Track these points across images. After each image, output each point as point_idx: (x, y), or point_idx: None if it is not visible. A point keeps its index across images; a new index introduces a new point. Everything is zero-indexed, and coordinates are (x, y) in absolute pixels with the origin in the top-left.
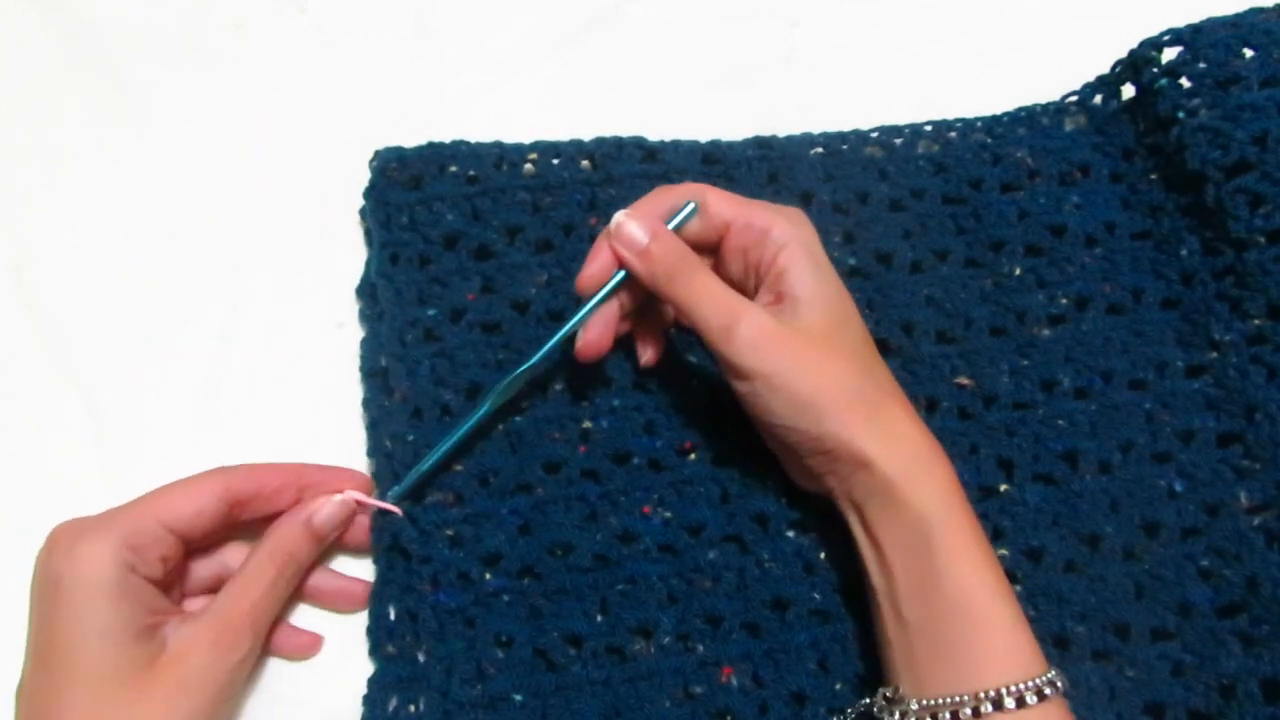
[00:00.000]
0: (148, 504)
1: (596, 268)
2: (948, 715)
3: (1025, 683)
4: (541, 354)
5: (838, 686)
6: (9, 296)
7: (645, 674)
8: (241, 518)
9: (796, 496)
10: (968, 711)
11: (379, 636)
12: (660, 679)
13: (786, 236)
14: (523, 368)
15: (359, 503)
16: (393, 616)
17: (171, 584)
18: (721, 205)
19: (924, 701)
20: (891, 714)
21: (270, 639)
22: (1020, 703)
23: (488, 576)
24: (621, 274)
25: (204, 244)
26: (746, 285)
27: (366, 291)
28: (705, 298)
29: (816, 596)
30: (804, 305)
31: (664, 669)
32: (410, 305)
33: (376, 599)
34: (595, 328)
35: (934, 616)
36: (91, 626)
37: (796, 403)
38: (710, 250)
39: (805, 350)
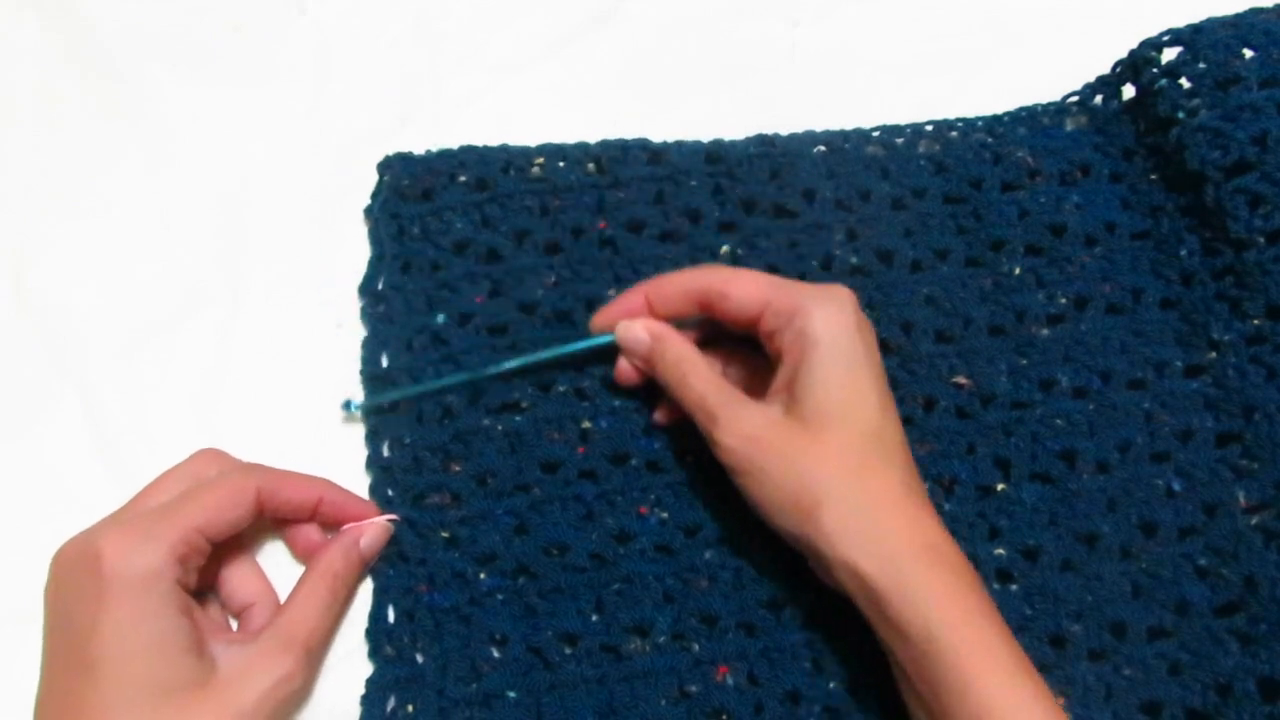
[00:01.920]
0: (189, 513)
1: (622, 367)
2: None
3: None
4: (542, 359)
5: (832, 685)
6: (9, 296)
7: (640, 673)
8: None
9: None
10: None
11: (378, 638)
12: (656, 678)
13: (809, 325)
14: (520, 363)
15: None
16: (391, 619)
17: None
18: (749, 291)
19: None
20: None
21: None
22: None
23: (482, 576)
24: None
25: (204, 244)
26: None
27: (369, 290)
28: (694, 402)
29: (812, 596)
30: (801, 401)
31: (659, 668)
32: (420, 313)
33: (375, 601)
34: (625, 363)
35: None
36: (146, 637)
37: (776, 503)
38: (751, 327)
39: (783, 451)
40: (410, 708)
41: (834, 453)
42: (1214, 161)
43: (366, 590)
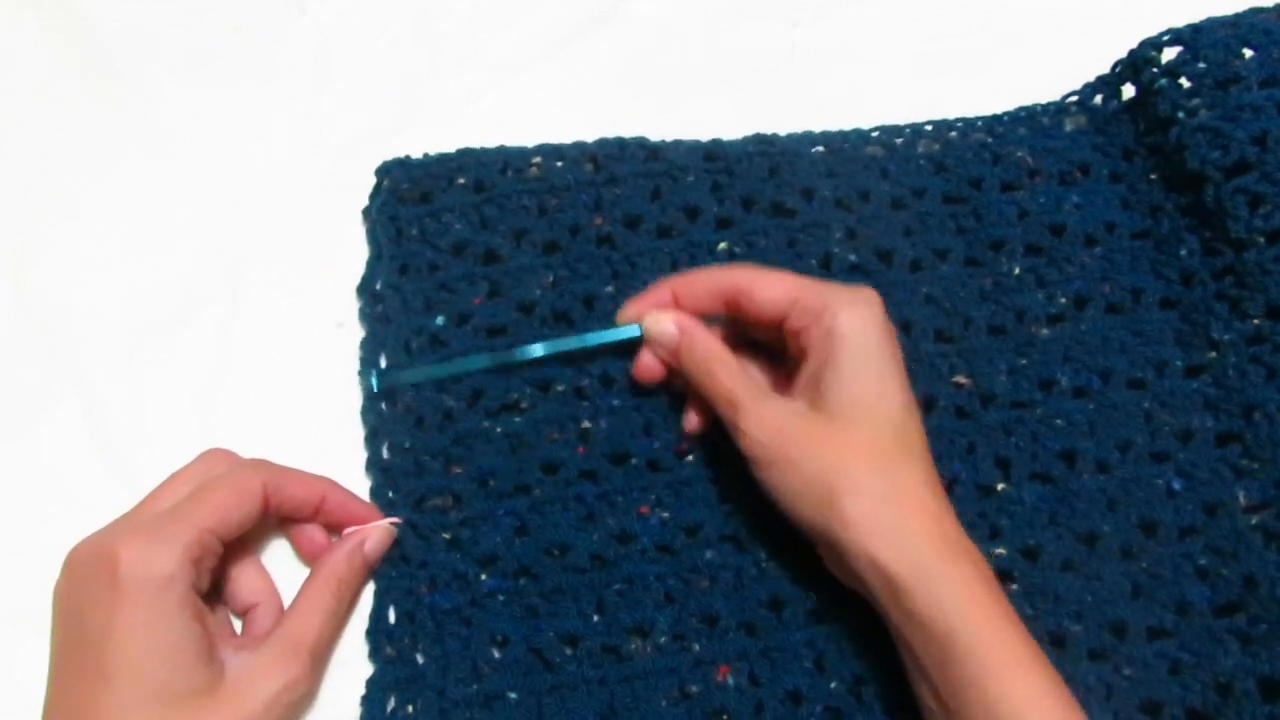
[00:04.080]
0: (200, 514)
1: (645, 361)
2: None
3: None
4: (568, 347)
5: (833, 685)
6: (9, 296)
7: (641, 673)
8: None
9: None
10: None
11: (378, 639)
12: (656, 678)
13: (836, 322)
14: (546, 349)
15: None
16: (392, 619)
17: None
18: (776, 289)
19: None
20: None
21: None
22: None
23: (484, 577)
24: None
25: (204, 244)
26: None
27: (368, 290)
28: (719, 394)
29: (814, 596)
30: (827, 395)
31: (660, 668)
32: (417, 314)
33: (376, 602)
34: (649, 356)
35: None
36: (162, 642)
37: (799, 495)
38: (775, 327)
39: (809, 443)
40: (411, 708)
41: (859, 445)
42: (1214, 161)
43: (368, 591)
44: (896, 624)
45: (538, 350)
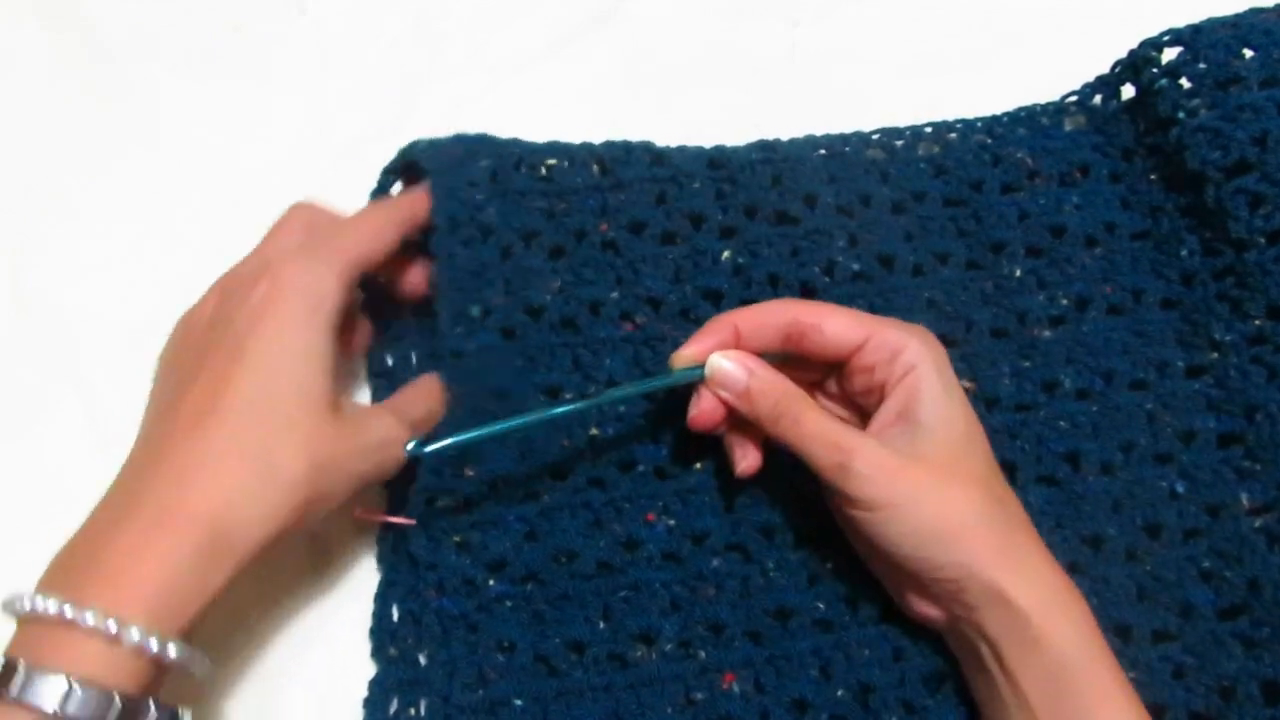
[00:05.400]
0: (350, 242)
1: (706, 406)
2: None
3: None
4: (619, 398)
5: (839, 693)
6: (9, 296)
7: (647, 680)
8: None
9: (803, 509)
10: None
11: (381, 639)
12: (662, 685)
13: (918, 359)
14: (590, 404)
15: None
16: (396, 619)
17: None
18: (847, 326)
19: None
20: None
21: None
22: None
23: (491, 583)
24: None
25: (204, 244)
26: (868, 401)
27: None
28: (815, 437)
29: (821, 606)
30: (927, 430)
31: (665, 675)
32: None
33: (380, 601)
34: (710, 401)
35: None
36: (307, 346)
37: (922, 533)
38: (830, 365)
39: (928, 479)
40: (414, 710)
41: (973, 480)
42: (1214, 161)
43: (370, 591)
44: (1007, 655)
45: (582, 405)
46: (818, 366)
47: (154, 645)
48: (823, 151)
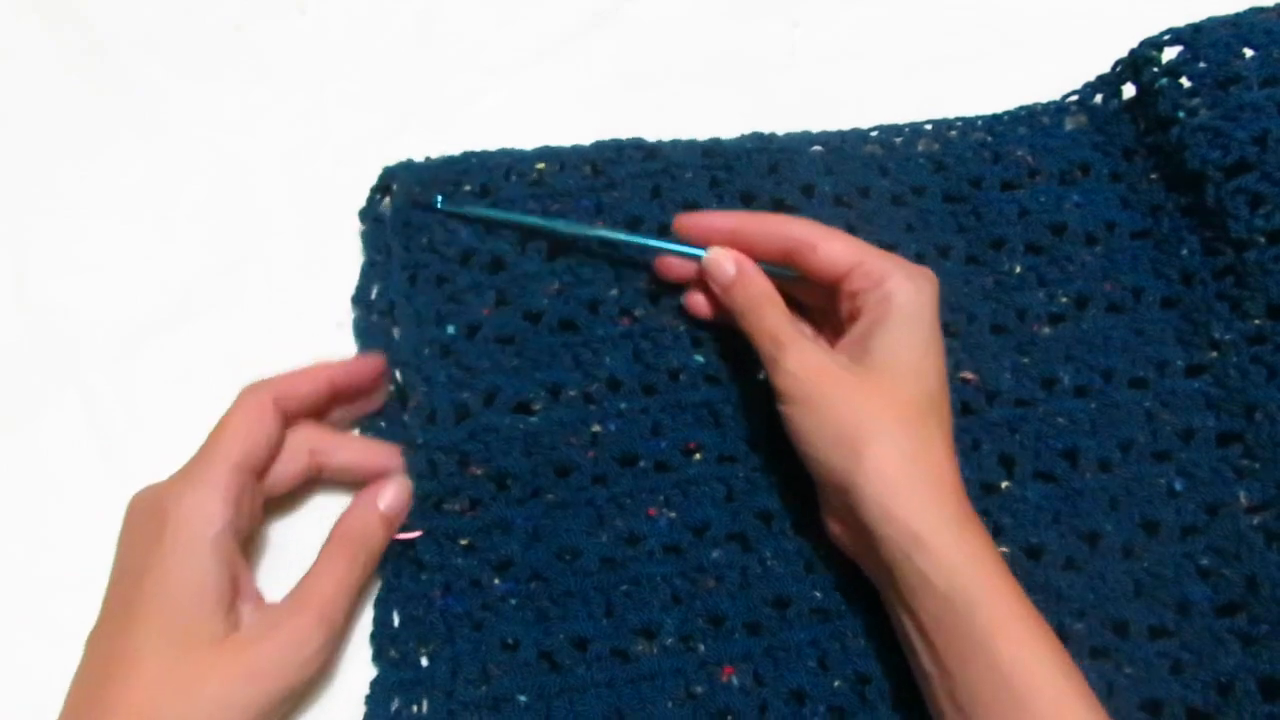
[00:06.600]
0: (222, 449)
1: (697, 295)
2: None
3: None
4: (629, 241)
5: (837, 684)
6: (9, 296)
7: (648, 675)
8: None
9: (800, 494)
10: None
11: (382, 641)
12: (662, 680)
13: (896, 291)
14: (604, 235)
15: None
16: (396, 623)
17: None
18: (840, 251)
19: None
20: None
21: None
22: None
23: (497, 582)
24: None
25: (204, 244)
26: (851, 327)
27: (363, 301)
28: (765, 331)
29: (817, 594)
30: (874, 355)
31: (666, 669)
32: (429, 324)
33: (382, 605)
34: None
35: (986, 699)
36: (190, 582)
37: (825, 433)
38: (827, 287)
39: (848, 386)
40: (417, 708)
41: (894, 401)
42: (1214, 161)
43: (371, 594)
44: (902, 584)
45: (600, 233)
46: (821, 288)
47: None
48: (819, 148)
